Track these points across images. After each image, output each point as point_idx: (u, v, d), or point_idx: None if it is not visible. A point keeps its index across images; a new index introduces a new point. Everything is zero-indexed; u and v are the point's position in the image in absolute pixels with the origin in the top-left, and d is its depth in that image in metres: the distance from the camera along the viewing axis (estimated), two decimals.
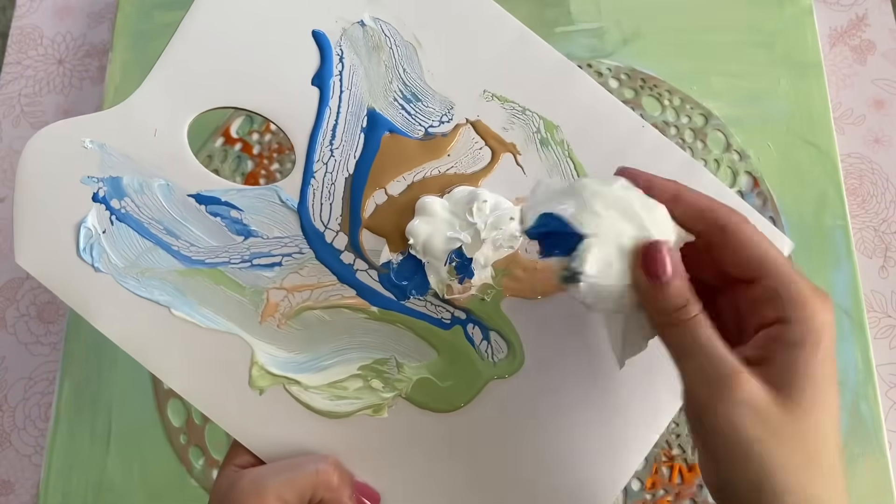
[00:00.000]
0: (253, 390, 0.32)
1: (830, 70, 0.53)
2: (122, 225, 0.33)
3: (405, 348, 0.33)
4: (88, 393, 0.47)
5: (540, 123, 0.35)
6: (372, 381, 0.33)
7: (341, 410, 0.33)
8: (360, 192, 0.34)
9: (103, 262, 0.32)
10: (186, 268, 0.33)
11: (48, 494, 0.46)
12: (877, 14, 0.54)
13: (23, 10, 0.58)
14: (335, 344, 0.33)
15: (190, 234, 0.33)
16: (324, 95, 0.34)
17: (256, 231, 0.33)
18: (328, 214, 0.34)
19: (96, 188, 0.33)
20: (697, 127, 0.50)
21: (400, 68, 0.35)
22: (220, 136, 0.50)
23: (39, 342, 0.50)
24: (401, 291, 0.33)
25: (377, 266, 0.34)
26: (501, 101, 0.35)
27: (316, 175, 0.34)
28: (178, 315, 0.32)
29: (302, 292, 0.33)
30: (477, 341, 0.34)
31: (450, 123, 0.35)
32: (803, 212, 0.48)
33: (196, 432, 0.46)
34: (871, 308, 0.47)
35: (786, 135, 0.50)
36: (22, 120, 0.55)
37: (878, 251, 0.49)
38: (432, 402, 0.33)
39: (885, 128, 0.51)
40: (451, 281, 0.33)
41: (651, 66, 0.51)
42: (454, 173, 0.35)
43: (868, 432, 0.44)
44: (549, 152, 0.35)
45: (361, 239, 0.34)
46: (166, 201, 0.33)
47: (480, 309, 0.34)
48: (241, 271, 0.33)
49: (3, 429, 0.49)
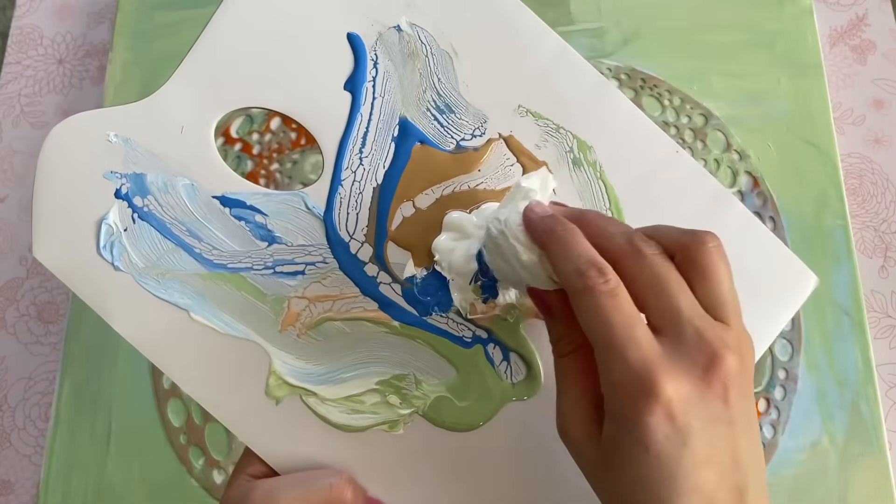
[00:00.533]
0: (269, 399, 0.32)
1: (830, 70, 0.53)
2: (145, 224, 0.32)
3: (424, 365, 0.33)
4: (88, 393, 0.47)
5: (573, 143, 0.34)
6: (389, 397, 0.32)
7: (357, 424, 0.32)
8: (387, 204, 0.33)
9: (123, 261, 0.31)
10: (208, 272, 0.32)
11: (48, 494, 0.46)
12: (877, 14, 0.54)
13: (23, 10, 0.58)
14: (354, 357, 0.33)
15: (213, 236, 0.32)
16: (356, 101, 0.33)
17: (281, 238, 0.33)
18: (354, 224, 0.33)
19: (119, 184, 0.32)
20: (697, 127, 0.50)
21: (435, 77, 0.34)
22: (221, 136, 0.50)
23: (39, 342, 0.50)
24: (423, 307, 0.33)
25: (401, 280, 0.33)
26: (536, 118, 0.34)
27: (344, 183, 0.33)
28: (198, 319, 0.32)
29: (324, 303, 0.32)
30: (497, 361, 0.33)
31: (482, 137, 0.34)
32: (803, 212, 0.48)
33: (196, 432, 0.46)
34: (871, 308, 0.47)
35: (786, 135, 0.50)
36: (22, 120, 0.55)
37: (878, 251, 0.49)
38: (449, 421, 0.32)
39: (885, 128, 0.51)
40: (476, 300, 0.32)
41: (651, 66, 0.51)
42: (484, 189, 0.34)
43: (868, 432, 0.44)
44: (581, 173, 0.34)
45: (386, 251, 0.33)
46: (190, 202, 0.32)
47: (502, 329, 0.33)
48: (264, 278, 0.32)
49: (3, 429, 0.49)
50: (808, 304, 0.46)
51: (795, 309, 0.34)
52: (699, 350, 0.25)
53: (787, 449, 0.44)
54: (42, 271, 0.52)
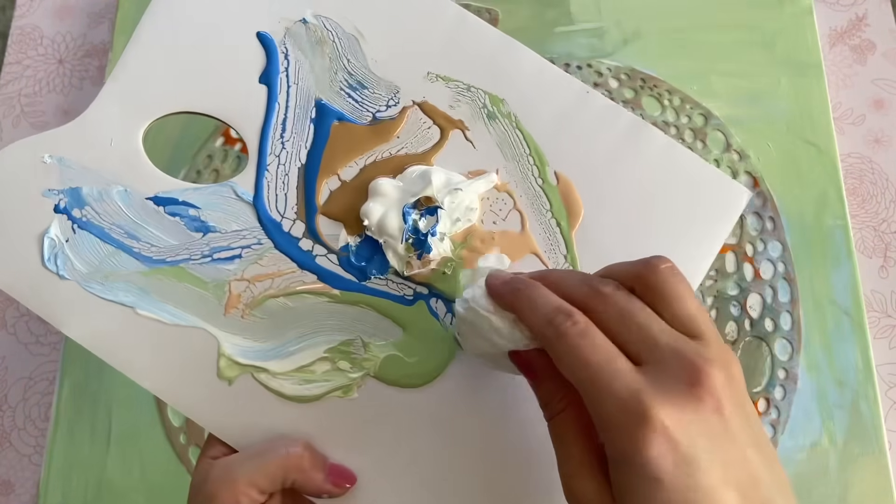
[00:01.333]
0: (221, 381, 0.33)
1: (830, 70, 0.53)
2: (84, 232, 0.34)
3: (370, 328, 0.34)
4: (88, 393, 0.47)
5: (485, 98, 0.36)
6: (339, 363, 0.33)
7: (311, 394, 0.33)
8: (313, 180, 0.35)
9: (68, 269, 0.33)
10: (149, 268, 0.34)
11: (48, 494, 0.46)
12: (877, 14, 0.54)
13: (23, 10, 0.58)
14: (300, 329, 0.34)
15: (150, 235, 0.34)
16: (272, 92, 0.36)
17: (215, 227, 0.34)
18: (284, 204, 0.35)
19: (57, 199, 0.34)
20: (697, 127, 0.50)
21: (344, 59, 0.36)
22: (220, 135, 0.50)
23: (39, 342, 0.50)
24: (361, 273, 0.34)
25: (336, 250, 0.34)
26: (446, 81, 0.36)
27: (269, 168, 0.35)
28: (144, 314, 0.33)
29: (263, 282, 0.34)
30: (441, 314, 0.34)
31: (397, 107, 0.36)
32: (803, 212, 0.48)
33: (196, 432, 0.46)
34: (871, 308, 0.48)
35: (786, 135, 0.50)
36: (22, 120, 0.55)
37: (878, 251, 0.49)
38: (401, 379, 0.33)
39: (885, 128, 0.51)
40: (410, 257, 0.34)
41: (651, 66, 0.51)
42: (405, 154, 0.35)
43: (868, 432, 0.44)
44: (497, 125, 0.36)
45: (318, 225, 0.35)
46: (125, 206, 0.34)
47: (441, 282, 0.34)
48: (203, 266, 0.34)
49: (3, 429, 0.49)
50: (808, 303, 0.46)
51: (730, 225, 0.35)
52: (682, 369, 0.25)
53: (787, 449, 0.44)
54: None
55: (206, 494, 0.30)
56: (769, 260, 0.47)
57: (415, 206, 0.33)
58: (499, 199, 0.35)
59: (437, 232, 0.33)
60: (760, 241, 0.47)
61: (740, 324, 0.46)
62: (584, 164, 0.35)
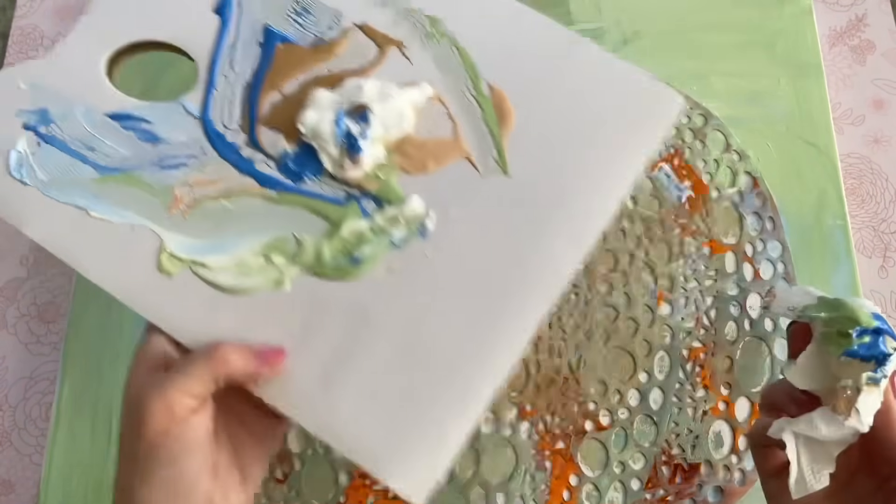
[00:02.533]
0: (163, 275, 0.35)
1: (830, 70, 0.53)
2: (48, 146, 0.37)
3: (304, 225, 0.36)
4: (89, 393, 0.47)
5: (424, 20, 0.39)
6: (274, 258, 0.35)
7: (245, 285, 0.35)
8: (256, 95, 0.38)
9: (30, 177, 0.37)
10: (102, 176, 0.37)
11: (48, 494, 0.46)
12: (877, 14, 0.54)
13: (23, 10, 0.58)
14: (238, 227, 0.36)
15: (105, 146, 0.37)
16: (225, 20, 0.39)
17: (165, 139, 0.38)
18: (229, 117, 0.38)
19: (27, 118, 0.38)
20: (697, 127, 0.50)
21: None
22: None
23: (40, 342, 0.50)
24: (297, 176, 0.37)
25: (274, 156, 0.37)
26: (386, 5, 0.39)
27: (218, 87, 0.38)
28: (95, 215, 0.36)
29: (206, 187, 0.37)
30: (370, 212, 0.36)
31: (339, 28, 0.39)
32: (803, 212, 0.48)
33: None
34: None
35: (786, 135, 0.50)
36: None
37: (878, 251, 0.49)
38: (333, 271, 0.35)
39: (885, 128, 0.52)
40: (343, 160, 0.36)
41: (651, 66, 0.51)
42: (343, 70, 0.38)
43: None
44: (434, 44, 0.38)
45: (259, 135, 0.37)
46: (87, 123, 0.38)
47: (374, 184, 0.36)
48: (151, 174, 0.37)
49: (4, 429, 0.49)
50: None
51: (664, 130, 0.36)
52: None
53: None
54: (42, 271, 0.52)
55: (140, 406, 0.31)
56: (769, 260, 0.47)
57: (349, 114, 0.36)
58: (434, 113, 0.37)
59: (368, 136, 0.35)
60: (760, 241, 0.47)
61: (740, 324, 0.46)
62: (517, 77, 0.37)
